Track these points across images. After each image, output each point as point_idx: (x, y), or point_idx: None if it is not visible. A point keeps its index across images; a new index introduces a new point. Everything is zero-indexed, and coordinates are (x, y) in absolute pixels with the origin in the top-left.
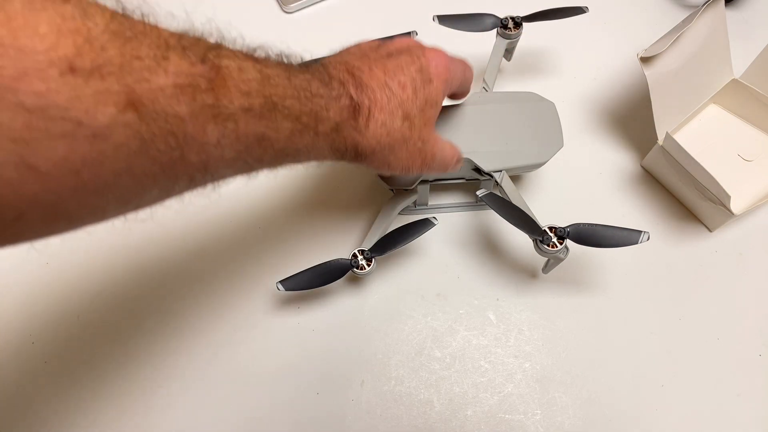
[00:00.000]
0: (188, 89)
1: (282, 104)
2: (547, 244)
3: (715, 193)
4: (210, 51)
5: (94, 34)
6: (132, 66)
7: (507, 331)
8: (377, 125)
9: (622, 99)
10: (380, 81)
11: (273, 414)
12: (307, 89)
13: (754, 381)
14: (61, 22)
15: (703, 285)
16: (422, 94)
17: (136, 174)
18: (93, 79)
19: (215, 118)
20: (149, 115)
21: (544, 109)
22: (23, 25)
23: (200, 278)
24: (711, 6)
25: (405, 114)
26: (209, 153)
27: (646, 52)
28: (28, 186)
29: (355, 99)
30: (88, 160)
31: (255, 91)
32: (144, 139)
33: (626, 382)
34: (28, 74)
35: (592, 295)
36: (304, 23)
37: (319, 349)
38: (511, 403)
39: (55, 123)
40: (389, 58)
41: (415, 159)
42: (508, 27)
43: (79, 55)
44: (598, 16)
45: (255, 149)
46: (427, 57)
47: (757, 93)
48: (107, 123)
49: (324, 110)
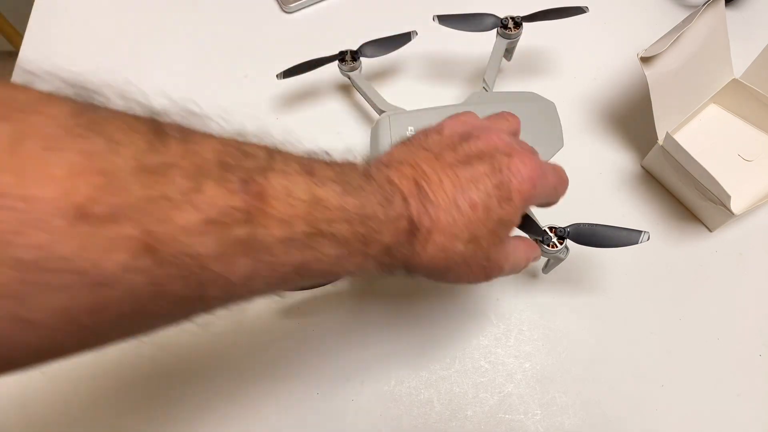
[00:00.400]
0: (220, 223)
1: (329, 230)
2: (547, 244)
3: (716, 193)
4: (257, 171)
5: (118, 172)
6: (157, 205)
7: (507, 331)
8: (436, 249)
9: (622, 99)
10: (449, 197)
11: (273, 414)
12: (362, 212)
13: (755, 381)
14: (82, 162)
15: (704, 285)
16: (496, 215)
17: (146, 314)
18: (106, 226)
19: (247, 252)
20: (166, 258)
21: (545, 109)
22: (36, 170)
23: None
24: (711, 6)
25: (471, 237)
26: (234, 289)
27: (646, 52)
28: (22, 337)
29: (416, 221)
30: (90, 308)
31: (301, 218)
32: (158, 284)
33: (626, 382)
34: (29, 226)
35: (592, 295)
36: (304, 23)
37: (319, 349)
38: (511, 403)
39: (55, 275)
40: (466, 164)
41: (477, 276)
42: (508, 27)
43: (94, 200)
44: (599, 15)
45: (292, 278)
46: (511, 170)
47: (758, 93)
48: (116, 271)
49: (376, 233)
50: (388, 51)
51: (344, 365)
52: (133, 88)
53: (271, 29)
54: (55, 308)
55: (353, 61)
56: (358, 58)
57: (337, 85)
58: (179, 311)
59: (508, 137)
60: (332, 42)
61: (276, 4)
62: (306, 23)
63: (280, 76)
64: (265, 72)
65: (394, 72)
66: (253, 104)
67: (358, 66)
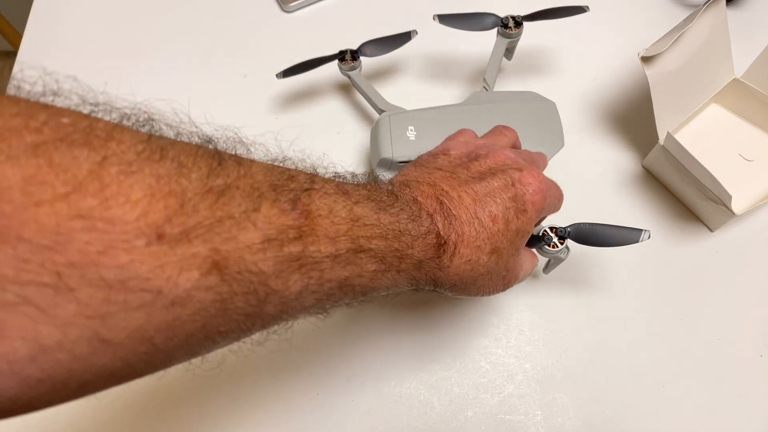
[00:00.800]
0: (276, 242)
1: (368, 246)
2: (548, 244)
3: (717, 193)
4: (302, 192)
5: (188, 194)
6: (222, 224)
7: (507, 332)
8: (462, 261)
9: (622, 98)
10: (470, 212)
11: (273, 415)
12: (395, 227)
13: (755, 382)
14: (156, 185)
15: (704, 285)
16: (514, 226)
17: (210, 333)
18: (180, 245)
19: (300, 268)
20: (232, 275)
21: (545, 109)
22: (116, 193)
23: None
24: (712, 5)
25: (493, 248)
26: (289, 304)
27: (647, 52)
28: (98, 358)
29: (443, 235)
30: (163, 327)
31: (344, 235)
32: (224, 300)
33: (627, 382)
34: (113, 247)
35: (592, 296)
36: (304, 22)
37: (319, 349)
38: (511, 404)
39: (134, 294)
40: (481, 180)
41: (497, 286)
42: (509, 26)
43: (168, 220)
44: (599, 15)
45: (336, 294)
46: (523, 183)
47: (759, 92)
48: (188, 288)
49: (409, 248)
50: (388, 50)
51: (344, 366)
52: (183, 117)
53: (271, 29)
54: (132, 328)
55: (353, 61)
56: (358, 58)
57: (337, 84)
58: (239, 329)
59: (512, 153)
60: (332, 41)
61: (276, 3)
62: (306, 22)
63: (279, 76)
64: (265, 71)
65: (394, 71)
66: (253, 104)
67: (358, 65)
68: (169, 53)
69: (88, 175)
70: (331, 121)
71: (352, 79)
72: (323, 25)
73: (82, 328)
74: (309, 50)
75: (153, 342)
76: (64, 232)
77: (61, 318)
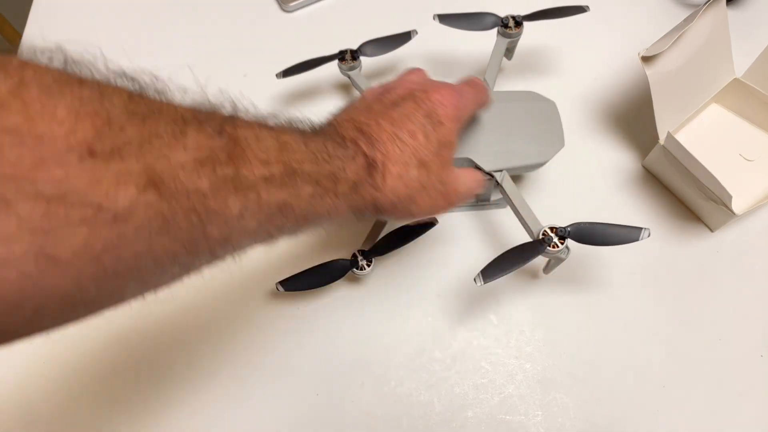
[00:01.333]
0: (208, 163)
1: (301, 169)
2: (548, 244)
3: (717, 193)
4: (226, 123)
5: (113, 114)
6: (152, 144)
7: (508, 332)
8: (393, 179)
9: (623, 98)
10: (389, 133)
11: (273, 415)
12: (323, 152)
13: (756, 382)
14: (80, 106)
15: (705, 285)
16: (434, 138)
17: (157, 254)
18: (113, 161)
19: (237, 190)
20: (170, 192)
21: (545, 109)
22: (41, 111)
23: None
24: (712, 5)
25: (420, 161)
26: (231, 226)
27: (648, 52)
28: (48, 277)
29: (369, 156)
30: (109, 245)
31: (274, 159)
32: (165, 218)
33: (627, 382)
34: (46, 161)
35: (593, 296)
36: (303, 22)
37: (319, 350)
38: (511, 405)
39: (75, 209)
40: (394, 107)
41: (437, 201)
42: (509, 26)
43: (98, 137)
44: (599, 15)
45: (277, 218)
46: (432, 100)
47: (759, 92)
48: (128, 205)
49: (341, 171)
50: (388, 50)
51: (344, 366)
52: (103, 59)
53: (271, 28)
54: (78, 245)
55: (353, 60)
56: (358, 57)
57: (337, 84)
58: (186, 251)
59: (417, 79)
60: (332, 41)
61: (276, 3)
62: (306, 22)
63: (279, 75)
64: (265, 71)
65: (394, 71)
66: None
67: (358, 65)
68: (170, 53)
69: (8, 95)
70: None
71: (352, 79)
72: (323, 24)
73: (27, 243)
74: (309, 50)
75: (101, 262)
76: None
77: (3, 232)
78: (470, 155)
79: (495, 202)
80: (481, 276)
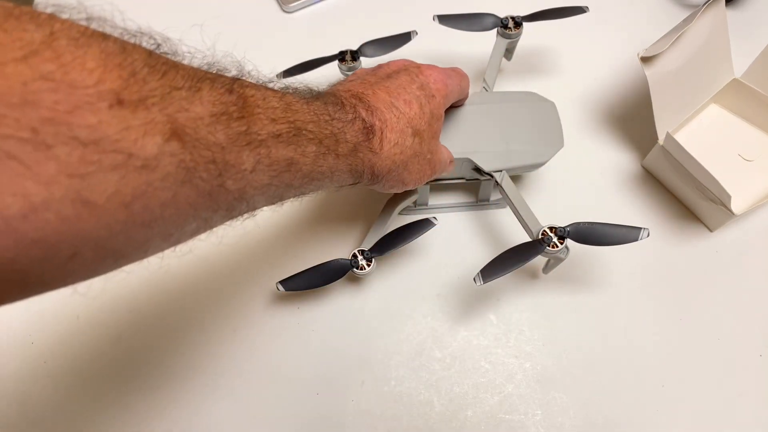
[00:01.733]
0: (223, 117)
1: (305, 129)
2: (548, 244)
3: (716, 193)
4: (234, 82)
5: (136, 67)
6: (172, 96)
7: (507, 332)
8: (390, 145)
9: (622, 99)
10: (386, 102)
11: (273, 414)
12: (324, 113)
13: (755, 381)
14: (106, 57)
15: (704, 285)
16: (428, 109)
17: (181, 204)
18: (139, 111)
19: (249, 145)
20: (191, 143)
21: (545, 109)
22: (72, 61)
23: (200, 279)
24: (712, 5)
25: (414, 130)
26: (246, 180)
27: (647, 52)
28: (83, 222)
29: (368, 121)
30: (138, 192)
31: (281, 118)
32: (188, 168)
33: (627, 382)
34: (80, 108)
35: (592, 296)
36: (304, 23)
37: (319, 349)
38: (511, 404)
39: (108, 155)
40: (389, 79)
41: (425, 170)
42: (509, 27)
43: (125, 87)
44: (599, 15)
45: (285, 174)
46: (425, 74)
47: (758, 93)
48: (155, 153)
49: (342, 132)
50: (388, 51)
51: (344, 365)
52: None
53: (271, 29)
54: (111, 191)
55: (353, 61)
56: (358, 58)
57: None
58: (206, 207)
59: (407, 61)
60: (332, 42)
61: (276, 3)
62: (306, 23)
63: (280, 76)
64: (265, 71)
65: None
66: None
67: (358, 66)
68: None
69: (41, 44)
70: None
71: None
72: (323, 25)
73: (66, 187)
74: (309, 50)
75: (131, 209)
76: (32, 91)
77: (44, 175)
78: (470, 155)
79: (495, 202)
80: (480, 276)
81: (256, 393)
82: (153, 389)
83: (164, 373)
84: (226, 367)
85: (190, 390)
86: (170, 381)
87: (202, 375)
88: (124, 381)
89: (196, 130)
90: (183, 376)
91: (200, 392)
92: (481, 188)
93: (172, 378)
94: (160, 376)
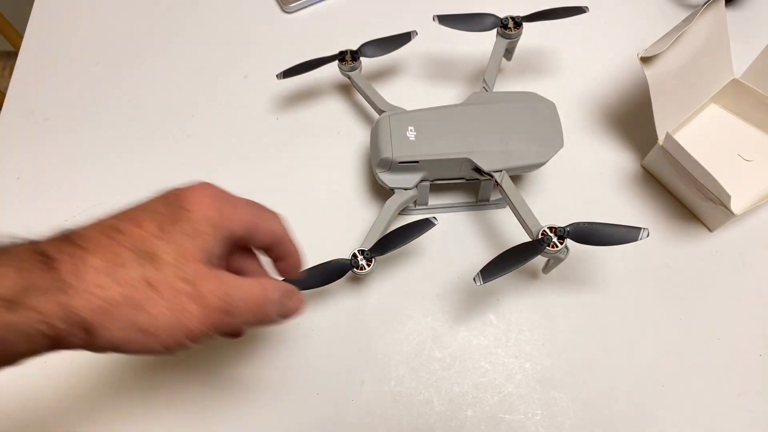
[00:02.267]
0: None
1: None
2: (547, 244)
3: (716, 193)
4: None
5: None
6: None
7: (507, 331)
8: (95, 273)
9: (622, 99)
10: (105, 225)
11: (273, 414)
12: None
13: (755, 381)
14: None
15: (704, 285)
16: (175, 228)
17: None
18: None
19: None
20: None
21: (545, 109)
22: None
23: None
24: (711, 6)
25: (143, 252)
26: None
27: (647, 52)
28: None
29: (47, 252)
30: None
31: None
32: None
33: (627, 382)
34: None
35: (592, 296)
36: (303, 23)
37: (319, 349)
38: (511, 404)
39: None
40: (139, 206)
41: (186, 306)
42: (508, 27)
43: None
44: (599, 15)
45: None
46: (185, 190)
47: (758, 93)
48: None
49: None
50: (388, 51)
51: (344, 365)
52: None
53: (271, 29)
54: None
55: (353, 61)
56: (358, 58)
57: (337, 85)
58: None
59: None
60: (332, 42)
61: (276, 4)
62: (306, 23)
63: (280, 76)
64: (265, 72)
65: (394, 72)
66: (253, 104)
67: (358, 66)
68: (170, 54)
69: None
70: (331, 122)
71: (352, 80)
72: (323, 25)
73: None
74: (309, 51)
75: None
76: None
77: None
78: (470, 155)
79: (495, 202)
80: (480, 276)
81: (257, 393)
82: (153, 391)
83: (164, 374)
84: (226, 367)
85: (190, 390)
86: (170, 382)
87: (203, 375)
88: (125, 382)
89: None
90: (183, 376)
91: (200, 392)
92: (481, 188)
93: (173, 379)
94: (160, 377)
